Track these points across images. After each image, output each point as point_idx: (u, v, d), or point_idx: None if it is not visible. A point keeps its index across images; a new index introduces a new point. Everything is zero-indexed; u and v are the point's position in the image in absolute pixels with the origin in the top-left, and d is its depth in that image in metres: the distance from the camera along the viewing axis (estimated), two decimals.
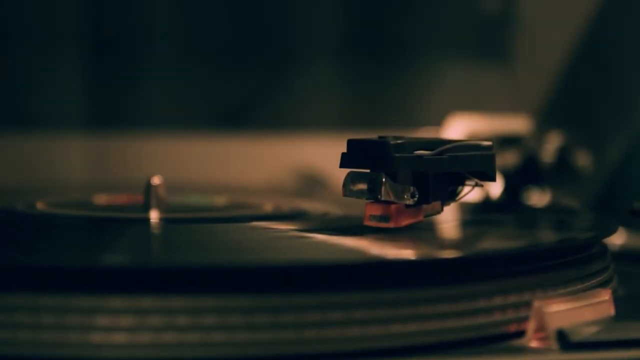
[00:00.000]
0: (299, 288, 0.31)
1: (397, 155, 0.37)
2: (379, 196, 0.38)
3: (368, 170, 0.38)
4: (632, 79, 0.67)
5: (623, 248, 0.52)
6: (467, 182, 0.40)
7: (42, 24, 0.74)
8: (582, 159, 0.60)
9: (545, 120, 0.67)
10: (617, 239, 0.52)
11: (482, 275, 0.34)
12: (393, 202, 0.38)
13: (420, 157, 0.38)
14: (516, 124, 0.63)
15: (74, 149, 0.74)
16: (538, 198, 0.59)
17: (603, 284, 0.38)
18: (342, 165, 0.38)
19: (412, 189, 0.38)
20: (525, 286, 0.34)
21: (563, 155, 0.59)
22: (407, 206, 0.38)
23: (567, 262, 0.37)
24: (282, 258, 0.34)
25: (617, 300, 0.36)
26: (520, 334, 0.33)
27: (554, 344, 0.32)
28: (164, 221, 0.44)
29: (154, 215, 0.45)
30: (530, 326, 0.33)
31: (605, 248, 0.41)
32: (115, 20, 0.76)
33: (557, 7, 0.73)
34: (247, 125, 0.77)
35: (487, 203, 0.56)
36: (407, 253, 0.35)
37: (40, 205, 0.49)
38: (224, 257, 0.34)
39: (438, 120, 0.68)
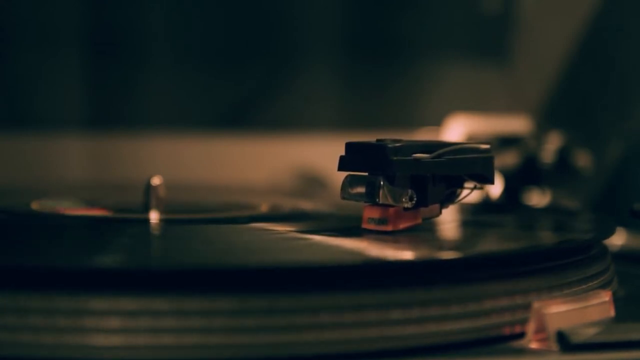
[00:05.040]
0: (297, 289, 0.31)
1: (395, 158, 0.37)
2: (377, 199, 0.38)
3: (366, 174, 0.38)
4: (632, 79, 0.67)
5: (623, 248, 0.52)
6: (466, 185, 0.40)
7: (42, 24, 0.74)
8: (582, 159, 0.60)
9: (545, 120, 0.67)
10: (618, 240, 0.52)
11: (481, 277, 0.34)
12: (391, 205, 0.38)
13: (418, 160, 0.38)
14: (516, 124, 0.63)
15: (74, 149, 0.74)
16: (538, 199, 0.59)
17: (603, 285, 0.38)
18: (340, 168, 0.38)
19: (410, 192, 0.38)
20: (525, 287, 0.34)
21: (563, 155, 0.59)
22: (406, 209, 0.38)
23: (567, 263, 0.37)
24: (280, 259, 0.34)
25: (617, 301, 0.36)
26: (520, 335, 0.33)
27: (554, 346, 0.32)
28: (164, 222, 0.44)
29: (154, 216, 0.45)
30: (530, 327, 0.33)
31: (605, 249, 0.41)
32: (115, 20, 0.76)
33: (557, 7, 0.73)
34: (247, 125, 0.77)
35: (486, 204, 0.56)
36: (406, 254, 0.35)
37: (39, 205, 0.49)
38: (222, 258, 0.34)
39: (438, 121, 0.68)
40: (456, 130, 0.63)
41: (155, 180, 0.46)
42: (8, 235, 0.40)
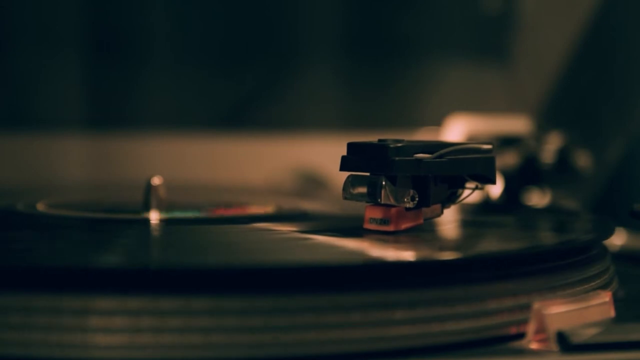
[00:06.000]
0: (297, 290, 0.31)
1: (396, 158, 0.37)
2: (379, 199, 0.38)
3: (368, 174, 0.38)
4: (632, 79, 0.67)
5: (623, 249, 0.52)
6: (467, 185, 0.40)
7: (42, 23, 0.74)
8: (582, 159, 0.60)
9: (545, 121, 0.67)
10: (618, 240, 0.52)
11: (482, 277, 0.34)
12: (393, 206, 0.38)
13: (420, 160, 0.38)
14: (516, 124, 0.63)
15: (74, 149, 0.74)
16: (538, 199, 0.59)
17: (603, 286, 0.38)
18: (342, 168, 0.38)
19: (412, 192, 0.38)
20: (526, 288, 0.34)
21: (563, 155, 0.59)
22: (407, 209, 0.38)
23: (567, 263, 0.37)
24: (280, 259, 0.34)
25: (617, 301, 0.36)
26: (521, 335, 0.33)
27: (554, 346, 0.32)
28: (164, 222, 0.44)
29: (154, 216, 0.45)
30: (531, 328, 0.33)
31: (605, 249, 0.41)
32: (115, 20, 0.76)
33: (557, 7, 0.73)
34: (247, 125, 0.77)
35: (487, 204, 0.56)
36: (406, 255, 0.35)
37: (40, 206, 0.49)
38: (222, 258, 0.34)
39: (438, 121, 0.68)
40: (456, 130, 0.63)
41: (155, 180, 0.46)
42: (8, 235, 0.40)
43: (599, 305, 0.35)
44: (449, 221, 0.44)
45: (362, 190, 0.38)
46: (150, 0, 0.76)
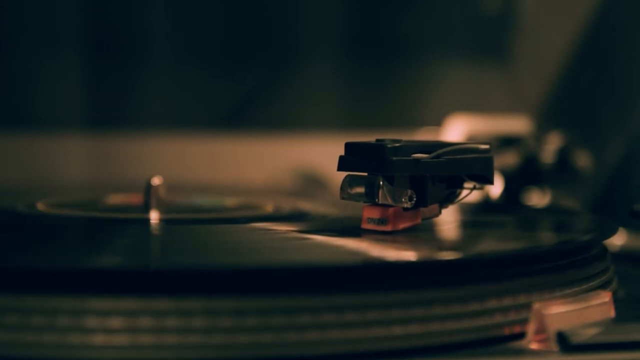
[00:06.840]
0: (296, 290, 0.31)
1: (394, 158, 0.37)
2: (377, 199, 0.38)
3: (366, 174, 0.38)
4: (632, 79, 0.67)
5: (623, 249, 0.52)
6: (465, 185, 0.40)
7: (41, 23, 0.74)
8: (582, 159, 0.60)
9: (545, 121, 0.67)
10: (617, 240, 0.52)
11: (481, 277, 0.34)
12: (391, 206, 0.38)
13: (417, 160, 0.38)
14: (516, 124, 0.63)
15: (74, 149, 0.74)
16: (538, 199, 0.59)
17: (603, 286, 0.38)
18: (340, 168, 0.38)
19: (409, 192, 0.38)
20: (526, 288, 0.34)
21: (563, 155, 0.59)
22: (405, 209, 0.38)
23: (567, 263, 0.37)
24: (279, 259, 0.34)
25: (617, 301, 0.36)
26: (521, 335, 0.33)
27: (554, 346, 0.32)
28: (164, 222, 0.44)
29: (154, 216, 0.45)
30: (531, 328, 0.33)
31: (605, 249, 0.41)
32: (115, 20, 0.76)
33: (557, 7, 0.73)
34: (247, 125, 0.77)
35: (486, 204, 0.56)
36: (406, 255, 0.35)
37: (40, 206, 0.49)
38: (222, 258, 0.34)
39: (438, 121, 0.68)
40: (456, 130, 0.63)
41: (155, 180, 0.46)
42: (8, 235, 0.40)
43: (599, 305, 0.35)
44: (448, 221, 0.44)
45: (360, 190, 0.38)
46: (150, 0, 0.76)
